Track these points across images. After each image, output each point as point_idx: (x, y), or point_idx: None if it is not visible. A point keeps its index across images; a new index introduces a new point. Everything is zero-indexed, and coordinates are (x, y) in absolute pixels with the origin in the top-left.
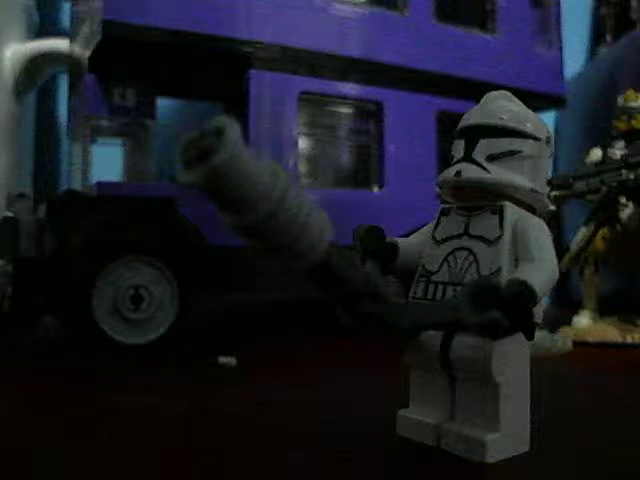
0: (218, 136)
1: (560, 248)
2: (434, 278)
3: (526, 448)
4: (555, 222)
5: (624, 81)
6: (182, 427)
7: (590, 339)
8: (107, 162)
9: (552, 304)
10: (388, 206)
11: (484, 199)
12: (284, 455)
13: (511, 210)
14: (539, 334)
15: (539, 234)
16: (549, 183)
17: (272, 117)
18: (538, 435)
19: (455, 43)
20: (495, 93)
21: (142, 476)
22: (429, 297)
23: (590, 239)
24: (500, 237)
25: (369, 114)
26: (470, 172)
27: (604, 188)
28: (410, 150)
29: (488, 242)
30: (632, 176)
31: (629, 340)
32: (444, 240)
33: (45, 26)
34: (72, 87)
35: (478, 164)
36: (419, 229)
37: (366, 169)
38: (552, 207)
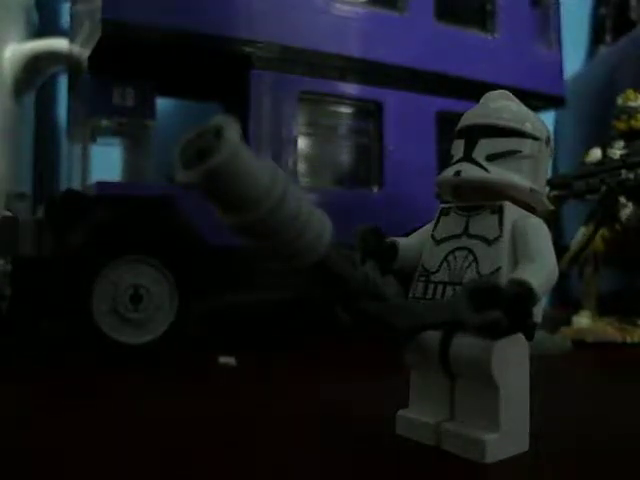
0: (217, 136)
1: (560, 248)
2: (434, 278)
3: (526, 448)
4: (555, 222)
5: (624, 81)
6: (182, 427)
7: (590, 339)
8: (107, 162)
9: (552, 304)
10: (388, 206)
11: (484, 199)
12: (284, 455)
13: (511, 210)
14: (539, 334)
15: (539, 234)
16: (549, 183)
17: (272, 117)
18: (538, 435)
19: (455, 43)
20: (495, 93)
21: (142, 476)
22: (429, 297)
23: (590, 239)
24: (500, 237)
25: (369, 114)
26: (470, 172)
27: (604, 188)
28: (410, 150)
29: (488, 242)
30: (632, 176)
31: (629, 340)
32: (444, 240)
33: (45, 26)
34: (72, 87)
35: (478, 164)
36: (419, 229)
37: (366, 169)
38: (551, 207)
